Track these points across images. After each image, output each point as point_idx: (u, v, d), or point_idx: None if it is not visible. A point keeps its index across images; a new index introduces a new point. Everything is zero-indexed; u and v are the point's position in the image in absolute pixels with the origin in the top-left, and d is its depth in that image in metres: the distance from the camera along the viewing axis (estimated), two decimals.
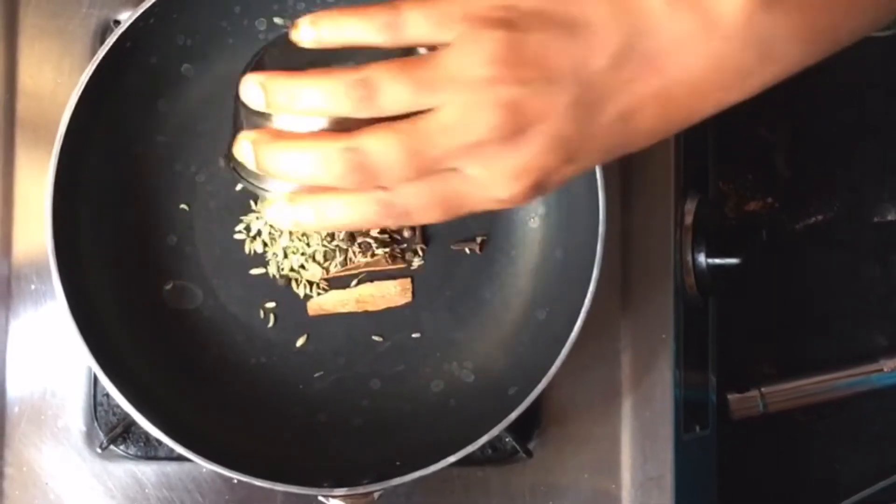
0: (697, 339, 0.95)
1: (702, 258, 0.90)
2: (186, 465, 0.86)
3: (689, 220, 0.90)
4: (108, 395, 0.86)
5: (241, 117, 0.60)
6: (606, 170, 0.78)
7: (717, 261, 0.90)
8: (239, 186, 0.86)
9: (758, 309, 1.06)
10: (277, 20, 0.85)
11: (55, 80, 0.88)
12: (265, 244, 0.86)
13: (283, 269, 0.85)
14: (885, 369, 1.06)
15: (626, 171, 0.88)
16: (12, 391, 0.87)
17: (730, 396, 1.05)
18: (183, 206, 0.86)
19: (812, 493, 1.06)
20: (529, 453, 0.86)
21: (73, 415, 0.87)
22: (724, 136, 1.01)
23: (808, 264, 1.07)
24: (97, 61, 0.79)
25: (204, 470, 0.86)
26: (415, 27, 0.55)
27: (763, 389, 1.05)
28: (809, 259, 1.07)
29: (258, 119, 0.59)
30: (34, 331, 0.87)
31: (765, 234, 0.91)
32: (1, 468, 0.87)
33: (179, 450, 0.77)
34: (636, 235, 0.88)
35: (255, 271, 0.86)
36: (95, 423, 0.87)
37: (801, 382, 1.06)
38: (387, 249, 0.85)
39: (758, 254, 0.90)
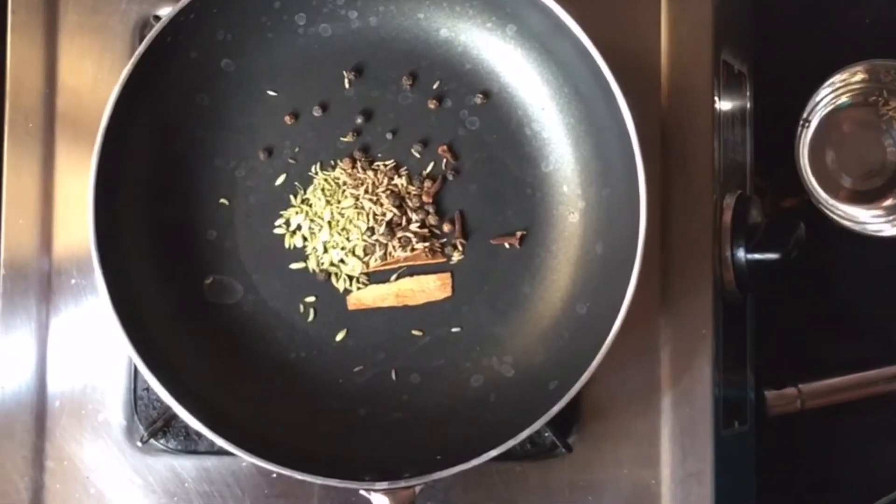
0: (736, 335, 0.95)
1: (741, 254, 0.89)
2: (226, 459, 0.86)
3: (727, 215, 0.90)
4: (148, 388, 0.87)
5: None
6: (647, 165, 0.78)
7: (757, 256, 0.89)
8: (279, 181, 0.86)
9: (796, 306, 1.05)
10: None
11: (95, 76, 0.89)
12: (305, 239, 0.86)
13: (322, 264, 0.85)
14: None
15: (666, 167, 0.88)
16: (53, 386, 0.88)
17: (767, 393, 1.04)
18: (223, 200, 0.86)
19: (849, 489, 1.05)
20: (569, 448, 0.86)
21: (114, 409, 0.87)
22: (762, 133, 1.01)
23: (847, 261, 1.07)
24: (138, 57, 0.80)
25: (243, 464, 0.86)
26: None
27: (801, 386, 1.04)
28: (847, 255, 1.06)
29: None
30: (75, 325, 0.88)
31: (803, 228, 0.90)
32: (42, 462, 0.87)
33: (220, 442, 0.77)
34: (675, 231, 0.88)
35: (294, 266, 0.86)
36: (136, 417, 0.87)
37: (839, 379, 1.05)
38: (426, 244, 0.85)
39: (799, 249, 0.90)
